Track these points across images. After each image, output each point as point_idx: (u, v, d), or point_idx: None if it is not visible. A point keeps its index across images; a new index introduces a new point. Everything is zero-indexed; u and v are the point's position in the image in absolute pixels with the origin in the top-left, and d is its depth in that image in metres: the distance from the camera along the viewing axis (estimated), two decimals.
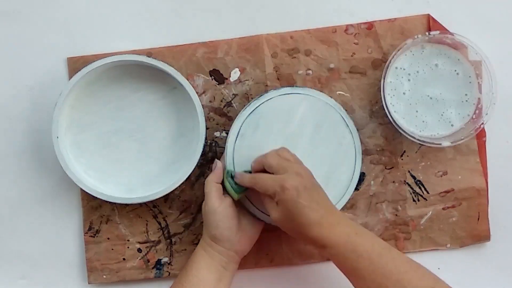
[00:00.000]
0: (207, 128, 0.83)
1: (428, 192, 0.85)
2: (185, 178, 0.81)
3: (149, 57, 0.82)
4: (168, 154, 0.85)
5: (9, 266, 0.87)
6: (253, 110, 0.81)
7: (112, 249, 0.86)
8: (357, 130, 0.83)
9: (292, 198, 0.70)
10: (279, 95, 0.82)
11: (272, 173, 0.74)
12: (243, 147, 0.81)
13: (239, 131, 0.81)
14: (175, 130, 0.85)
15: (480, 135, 0.84)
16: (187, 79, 0.82)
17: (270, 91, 0.82)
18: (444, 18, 0.85)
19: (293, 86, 0.83)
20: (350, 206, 0.85)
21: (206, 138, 0.82)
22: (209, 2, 0.86)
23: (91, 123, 0.85)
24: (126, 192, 0.84)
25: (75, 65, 0.85)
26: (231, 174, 0.78)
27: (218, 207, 0.76)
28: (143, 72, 0.84)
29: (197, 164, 0.81)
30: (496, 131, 0.85)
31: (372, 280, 0.69)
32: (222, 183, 0.79)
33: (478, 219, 0.85)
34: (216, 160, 0.81)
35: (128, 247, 0.86)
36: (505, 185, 0.86)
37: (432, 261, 0.84)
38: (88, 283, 0.86)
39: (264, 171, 0.76)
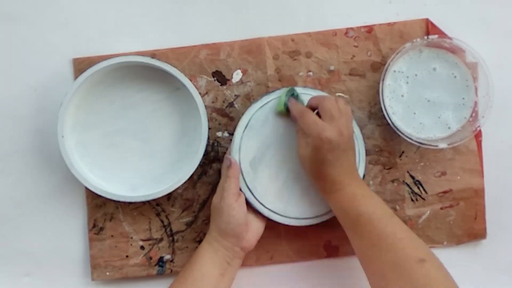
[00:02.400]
0: (209, 128, 0.85)
1: (426, 192, 0.87)
2: (187, 177, 0.82)
3: (153, 58, 0.83)
4: (171, 154, 0.86)
5: (14, 264, 0.88)
6: (264, 104, 0.83)
7: (116, 247, 0.87)
8: (363, 136, 0.85)
9: (322, 149, 0.73)
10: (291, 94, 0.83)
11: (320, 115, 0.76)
12: (250, 138, 0.82)
13: (248, 122, 0.82)
14: (178, 130, 0.86)
15: (477, 135, 0.85)
16: (190, 80, 0.83)
17: (283, 88, 0.83)
18: (442, 22, 0.86)
19: (305, 87, 0.85)
20: None
21: (208, 138, 0.83)
22: (212, 4, 0.87)
23: (96, 122, 0.86)
24: (130, 190, 0.85)
25: (81, 66, 0.86)
26: (293, 94, 0.81)
27: (234, 202, 0.78)
28: (147, 72, 0.86)
29: (199, 164, 0.82)
30: (492, 131, 0.86)
31: (368, 239, 0.72)
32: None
33: (475, 218, 0.86)
34: (227, 156, 0.82)
35: (131, 245, 0.87)
36: (500, 184, 0.87)
37: None
38: (92, 280, 0.87)
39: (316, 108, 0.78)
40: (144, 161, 0.87)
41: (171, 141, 0.87)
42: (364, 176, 0.84)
